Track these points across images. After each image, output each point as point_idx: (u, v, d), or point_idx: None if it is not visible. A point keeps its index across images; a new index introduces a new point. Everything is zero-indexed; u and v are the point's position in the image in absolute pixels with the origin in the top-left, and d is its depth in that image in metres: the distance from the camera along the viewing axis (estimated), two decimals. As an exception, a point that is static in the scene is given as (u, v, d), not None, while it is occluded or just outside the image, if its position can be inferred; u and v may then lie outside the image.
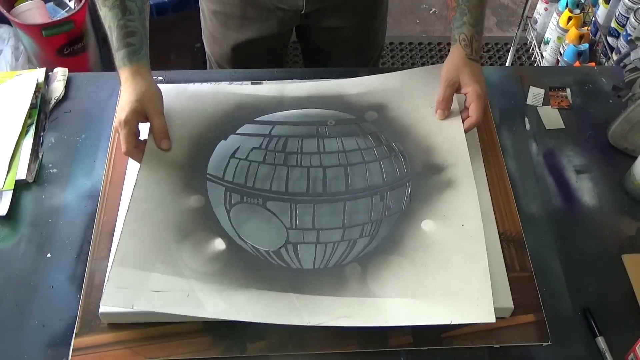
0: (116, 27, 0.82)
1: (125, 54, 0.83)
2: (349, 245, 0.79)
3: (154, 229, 0.77)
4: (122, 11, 0.82)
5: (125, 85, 0.83)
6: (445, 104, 0.91)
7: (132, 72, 0.83)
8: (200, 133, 0.89)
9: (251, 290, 0.73)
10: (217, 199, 0.82)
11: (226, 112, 0.93)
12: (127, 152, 0.83)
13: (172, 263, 0.74)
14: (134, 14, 0.83)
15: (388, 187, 0.84)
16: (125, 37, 0.82)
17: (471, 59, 0.90)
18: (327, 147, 0.89)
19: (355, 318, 0.72)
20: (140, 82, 0.83)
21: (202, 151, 0.87)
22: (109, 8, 0.82)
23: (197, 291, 0.72)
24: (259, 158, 0.87)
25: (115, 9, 0.82)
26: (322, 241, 0.79)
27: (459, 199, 0.82)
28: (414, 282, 0.74)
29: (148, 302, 0.71)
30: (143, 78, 0.84)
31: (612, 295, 0.81)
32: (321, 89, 0.98)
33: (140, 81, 0.83)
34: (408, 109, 0.94)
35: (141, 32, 0.84)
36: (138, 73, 0.83)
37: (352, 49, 1.19)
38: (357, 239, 0.79)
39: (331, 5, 1.08)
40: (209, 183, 0.83)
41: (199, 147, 0.88)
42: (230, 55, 1.15)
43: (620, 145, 0.96)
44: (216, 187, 0.83)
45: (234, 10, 1.08)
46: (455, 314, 0.72)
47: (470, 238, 0.78)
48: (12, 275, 0.80)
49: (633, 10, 1.57)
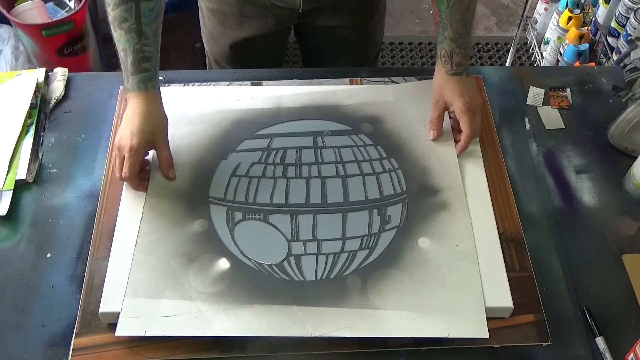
0: (132, 50, 0.82)
1: (141, 79, 0.83)
2: (349, 256, 0.81)
3: (161, 258, 0.79)
4: (139, 35, 0.82)
5: (137, 111, 0.83)
6: (434, 125, 0.93)
7: (146, 98, 0.84)
8: (201, 156, 0.91)
9: (256, 305, 0.75)
10: (220, 219, 0.84)
11: (225, 130, 0.94)
12: (129, 179, 0.83)
13: (179, 288, 0.77)
14: (149, 39, 0.83)
15: (386, 202, 0.86)
16: (142, 62, 0.83)
17: (451, 74, 0.91)
18: (325, 157, 0.91)
19: (357, 329, 0.74)
20: (153, 110, 0.84)
21: (203, 174, 0.89)
22: (125, 31, 0.82)
23: (204, 312, 0.75)
24: (258, 173, 0.89)
25: (132, 33, 0.82)
26: (324, 252, 0.81)
27: (453, 221, 0.84)
28: (413, 297, 0.77)
29: (159, 327, 0.73)
30: (156, 106, 0.85)
31: (612, 295, 0.81)
32: (316, 99, 0.99)
33: (153, 109, 0.84)
34: (403, 125, 0.96)
35: (156, 57, 0.84)
36: (153, 99, 0.85)
37: (350, 48, 1.19)
38: (357, 250, 0.81)
39: (328, 5, 1.08)
40: (212, 206, 0.85)
41: (200, 171, 0.89)
42: (228, 53, 1.16)
43: (620, 145, 0.96)
44: (218, 209, 0.85)
45: (232, 8, 1.08)
46: (451, 328, 0.74)
47: (464, 258, 0.81)
48: (12, 275, 0.81)
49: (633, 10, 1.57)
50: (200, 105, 0.97)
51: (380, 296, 0.76)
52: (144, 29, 0.82)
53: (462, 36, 0.90)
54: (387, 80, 1.04)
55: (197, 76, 1.04)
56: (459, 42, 0.90)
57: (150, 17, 0.83)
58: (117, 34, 0.83)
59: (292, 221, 0.84)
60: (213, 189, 0.87)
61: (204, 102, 0.98)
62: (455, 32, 0.90)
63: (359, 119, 0.96)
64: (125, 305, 0.75)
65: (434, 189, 0.88)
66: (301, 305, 0.76)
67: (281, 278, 0.78)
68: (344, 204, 0.85)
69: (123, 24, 0.82)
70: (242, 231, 0.83)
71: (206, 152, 0.91)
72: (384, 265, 0.80)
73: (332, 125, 0.96)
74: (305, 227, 0.83)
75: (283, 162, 0.90)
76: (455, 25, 0.90)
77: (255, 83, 1.02)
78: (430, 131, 0.94)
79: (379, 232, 0.83)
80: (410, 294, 0.77)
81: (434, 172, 0.90)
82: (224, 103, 0.98)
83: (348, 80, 1.04)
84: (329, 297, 0.76)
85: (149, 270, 0.78)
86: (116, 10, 0.81)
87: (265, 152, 0.91)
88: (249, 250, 0.81)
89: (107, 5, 0.82)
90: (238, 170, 0.89)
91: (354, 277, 0.79)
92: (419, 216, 0.85)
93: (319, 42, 1.20)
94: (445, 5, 0.89)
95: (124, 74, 0.84)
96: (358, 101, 0.99)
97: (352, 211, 0.85)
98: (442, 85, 0.92)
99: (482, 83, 1.04)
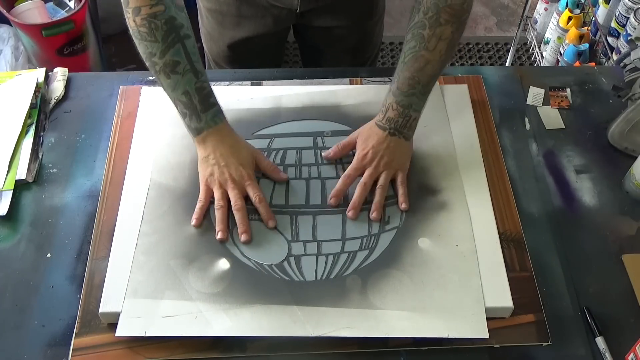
0: (195, 90, 0.81)
1: (215, 114, 0.84)
2: (349, 257, 0.81)
3: (161, 259, 0.79)
4: (195, 74, 0.81)
5: (226, 145, 0.84)
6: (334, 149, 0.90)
7: (225, 130, 0.86)
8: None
9: (256, 305, 0.75)
10: None
11: None
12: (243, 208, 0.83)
13: (179, 288, 0.77)
14: (204, 75, 0.83)
15: (385, 202, 0.86)
16: (208, 97, 0.83)
17: (377, 124, 0.87)
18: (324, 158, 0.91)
19: (357, 329, 0.74)
20: (237, 138, 0.87)
21: None
22: (181, 74, 0.80)
23: (204, 312, 0.75)
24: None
25: (189, 74, 0.81)
26: (323, 253, 0.81)
27: (453, 221, 0.84)
28: (413, 297, 0.77)
29: (159, 328, 0.73)
30: (235, 134, 0.87)
31: (612, 295, 0.81)
32: (316, 100, 0.99)
33: (236, 137, 0.87)
34: None
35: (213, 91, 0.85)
36: (230, 129, 0.86)
37: (349, 48, 1.19)
38: (357, 251, 0.81)
39: (326, 5, 1.08)
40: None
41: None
42: (227, 53, 1.16)
43: (620, 145, 0.96)
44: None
45: (230, 8, 1.08)
46: (451, 328, 0.74)
47: (464, 258, 0.81)
48: (12, 275, 0.81)
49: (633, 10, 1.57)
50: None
51: (380, 296, 0.77)
52: (197, 66, 0.82)
53: (405, 94, 0.85)
54: (387, 80, 1.04)
55: (197, 76, 1.04)
56: (399, 99, 0.85)
57: (196, 53, 0.82)
58: (173, 80, 0.81)
59: (292, 222, 0.84)
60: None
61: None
62: (399, 88, 0.85)
63: (359, 119, 0.96)
64: (126, 306, 0.75)
65: (434, 189, 0.88)
66: (301, 305, 0.76)
67: (281, 278, 0.78)
68: (344, 205, 0.85)
69: (177, 68, 0.80)
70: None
71: None
72: (383, 266, 0.80)
73: (332, 126, 0.96)
74: (305, 228, 0.83)
75: (283, 162, 0.90)
76: (402, 82, 0.84)
77: (255, 83, 1.02)
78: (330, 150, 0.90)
79: (379, 233, 0.83)
80: (410, 294, 0.77)
81: (433, 172, 0.90)
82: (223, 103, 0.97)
83: (348, 80, 1.04)
84: (329, 297, 0.76)
85: (149, 271, 0.78)
86: (166, 56, 0.79)
87: (265, 153, 0.91)
88: (249, 250, 0.81)
89: (151, 56, 0.79)
90: None
91: (354, 278, 0.79)
92: (418, 216, 0.85)
93: (318, 42, 1.20)
94: (402, 59, 0.85)
95: (192, 116, 0.83)
96: (358, 101, 0.99)
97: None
98: (365, 127, 0.89)
99: (482, 83, 1.04)
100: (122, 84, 1.02)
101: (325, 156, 0.90)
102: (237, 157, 0.85)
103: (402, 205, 0.85)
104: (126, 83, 1.02)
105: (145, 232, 0.82)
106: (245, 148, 0.87)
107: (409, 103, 0.85)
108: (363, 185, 0.85)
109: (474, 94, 1.01)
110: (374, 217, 0.83)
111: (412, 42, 0.84)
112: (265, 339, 0.74)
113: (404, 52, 0.85)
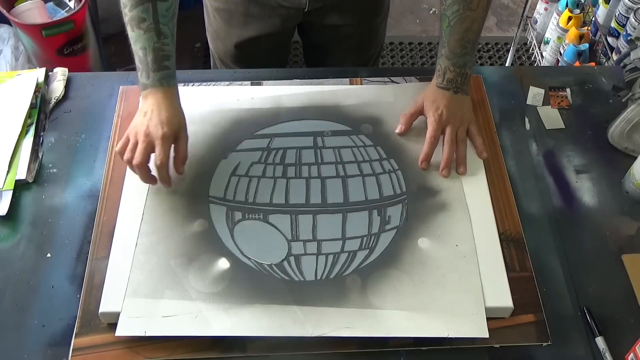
0: (152, 49, 0.83)
1: (163, 76, 0.84)
2: (349, 257, 0.81)
3: (161, 258, 0.80)
4: (157, 35, 0.83)
5: (163, 104, 0.84)
6: (404, 120, 0.94)
7: (169, 94, 0.85)
8: (202, 155, 0.91)
9: (256, 305, 0.76)
10: (220, 219, 0.84)
11: (225, 130, 0.94)
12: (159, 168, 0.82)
13: (179, 288, 0.77)
14: (168, 38, 0.84)
15: (385, 202, 0.86)
16: (162, 60, 0.84)
17: (440, 87, 0.92)
18: (324, 157, 0.91)
19: (357, 329, 0.74)
20: (177, 105, 0.85)
21: (203, 174, 0.89)
22: (143, 30, 0.82)
23: (204, 312, 0.75)
24: (258, 172, 0.89)
25: (151, 32, 0.82)
26: (323, 252, 0.81)
27: (453, 222, 0.84)
28: (412, 296, 0.77)
29: (159, 328, 0.73)
30: (178, 102, 0.86)
31: (612, 295, 0.81)
32: (316, 99, 0.99)
33: (177, 104, 0.86)
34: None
35: (174, 56, 0.85)
36: (175, 96, 0.86)
37: (353, 46, 1.19)
38: (357, 250, 0.81)
39: (333, 3, 1.08)
40: (211, 205, 0.85)
41: (200, 170, 0.89)
42: (233, 52, 1.16)
43: (620, 145, 0.96)
44: (218, 208, 0.85)
45: (237, 7, 1.09)
46: (451, 328, 0.74)
47: (464, 258, 0.81)
48: (12, 275, 0.81)
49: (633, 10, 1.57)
50: (200, 105, 0.97)
51: (380, 296, 0.77)
52: (162, 28, 0.83)
53: (459, 55, 0.91)
54: (387, 80, 1.04)
55: (197, 76, 1.04)
56: (454, 61, 0.91)
57: (167, 17, 0.83)
58: (135, 34, 0.83)
59: (292, 221, 0.84)
60: (213, 188, 0.87)
61: (204, 102, 0.98)
62: (451, 51, 0.91)
63: (358, 120, 0.96)
64: (126, 305, 0.75)
65: (434, 190, 0.88)
66: (301, 305, 0.76)
67: (281, 278, 0.78)
68: (344, 205, 0.85)
69: (141, 24, 0.82)
70: (241, 231, 0.83)
71: (206, 152, 0.91)
72: (383, 266, 0.80)
73: (332, 126, 0.96)
74: (305, 227, 0.83)
75: (283, 162, 0.90)
76: (453, 45, 0.90)
77: (255, 83, 1.02)
78: (398, 125, 0.94)
79: (379, 233, 0.83)
80: (410, 293, 0.77)
81: (433, 172, 0.90)
82: (224, 103, 0.98)
83: (348, 80, 1.04)
84: (329, 297, 0.76)
85: (149, 271, 0.78)
86: (133, 11, 0.82)
87: (265, 152, 0.91)
88: (249, 250, 0.81)
89: (124, 7, 0.83)
90: (238, 170, 0.89)
91: (353, 277, 0.79)
92: (418, 216, 0.85)
93: (323, 40, 1.20)
94: (447, 24, 0.90)
95: (143, 71, 0.84)
96: (358, 101, 0.99)
97: (352, 211, 0.85)
98: (428, 91, 0.94)
99: (482, 83, 1.04)
100: (122, 84, 1.02)
101: (399, 132, 0.94)
102: (164, 119, 0.83)
103: (483, 154, 0.92)
104: (126, 83, 1.02)
105: (145, 232, 0.82)
106: (177, 118, 0.85)
107: (464, 62, 0.91)
108: (450, 142, 0.90)
109: (474, 94, 1.01)
110: (461, 171, 0.90)
111: (455, 6, 0.89)
112: (265, 338, 0.74)
113: (447, 17, 0.90)
